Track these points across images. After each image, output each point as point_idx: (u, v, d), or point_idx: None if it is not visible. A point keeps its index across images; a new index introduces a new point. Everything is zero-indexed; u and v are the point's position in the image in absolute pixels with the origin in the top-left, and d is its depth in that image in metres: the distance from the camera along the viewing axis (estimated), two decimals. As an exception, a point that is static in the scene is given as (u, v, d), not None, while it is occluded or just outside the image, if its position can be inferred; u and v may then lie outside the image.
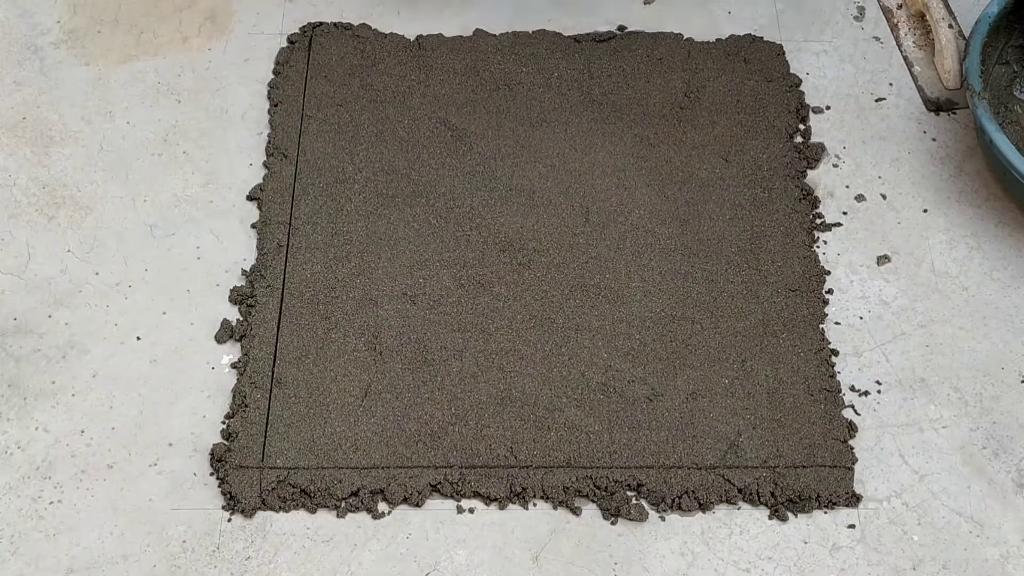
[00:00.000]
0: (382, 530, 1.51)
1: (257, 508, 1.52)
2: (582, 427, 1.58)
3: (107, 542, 1.50)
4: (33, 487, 1.54)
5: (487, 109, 1.88)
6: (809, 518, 1.54)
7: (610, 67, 1.93)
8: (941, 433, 1.61)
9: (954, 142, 1.89)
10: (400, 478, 1.53)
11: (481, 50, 1.95)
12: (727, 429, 1.58)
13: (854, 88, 1.95)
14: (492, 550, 1.50)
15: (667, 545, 1.51)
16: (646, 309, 1.68)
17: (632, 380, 1.62)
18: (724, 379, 1.63)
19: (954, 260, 1.77)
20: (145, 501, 1.53)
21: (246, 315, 1.67)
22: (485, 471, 1.54)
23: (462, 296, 1.69)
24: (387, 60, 1.93)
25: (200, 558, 1.49)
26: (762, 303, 1.69)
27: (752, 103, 1.90)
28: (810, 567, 1.50)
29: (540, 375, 1.62)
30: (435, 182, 1.80)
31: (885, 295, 1.73)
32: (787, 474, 1.55)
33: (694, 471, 1.55)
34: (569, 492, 1.54)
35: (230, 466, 1.54)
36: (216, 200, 1.79)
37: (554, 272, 1.71)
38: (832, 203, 1.82)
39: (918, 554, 1.51)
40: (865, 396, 1.63)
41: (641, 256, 1.73)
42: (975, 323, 1.70)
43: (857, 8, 2.05)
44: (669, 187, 1.80)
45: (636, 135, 1.86)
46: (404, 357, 1.63)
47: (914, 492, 1.56)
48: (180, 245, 1.75)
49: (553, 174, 1.81)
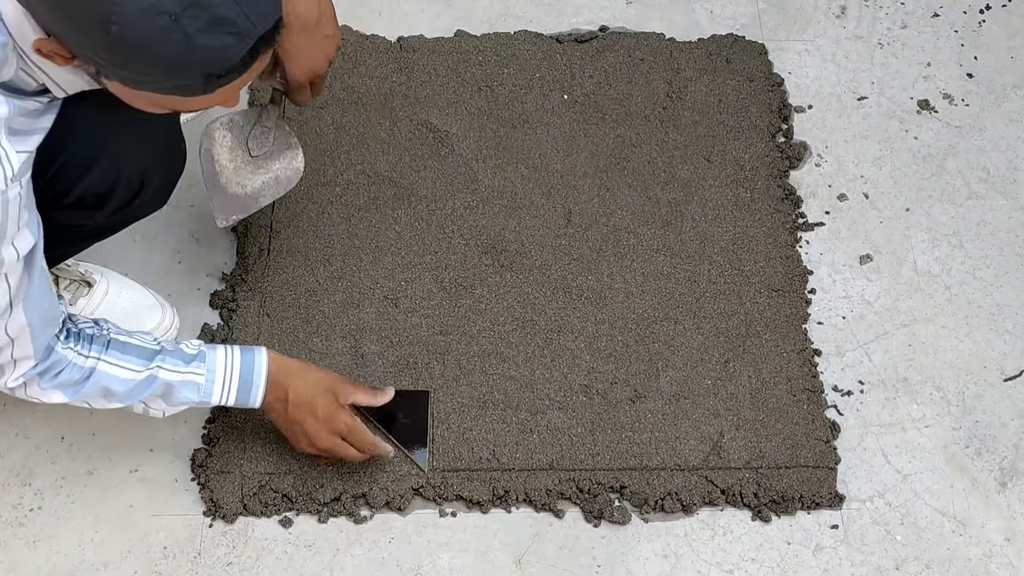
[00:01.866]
0: (364, 535, 1.51)
1: (238, 514, 1.51)
2: (565, 429, 1.57)
3: (88, 549, 1.49)
4: (13, 494, 1.53)
5: (469, 110, 1.87)
6: (792, 519, 1.54)
7: (592, 68, 1.93)
8: (924, 432, 1.61)
9: (936, 141, 1.89)
10: (382, 482, 1.53)
11: (463, 51, 1.94)
12: (710, 430, 1.58)
13: (836, 87, 1.95)
14: (475, 554, 1.50)
15: (650, 547, 1.51)
16: (628, 310, 1.68)
17: (615, 382, 1.62)
18: (707, 380, 1.62)
19: (936, 259, 1.77)
20: (126, 507, 1.52)
21: (227, 320, 1.66)
22: (467, 474, 1.54)
23: (444, 299, 1.68)
24: (368, 62, 1.93)
25: (181, 564, 1.48)
26: (745, 303, 1.69)
27: (734, 103, 1.90)
28: (793, 568, 1.50)
29: (522, 377, 1.61)
30: (417, 184, 1.79)
31: (868, 294, 1.73)
32: (770, 475, 1.55)
33: (677, 473, 1.55)
34: (552, 495, 1.53)
35: (211, 472, 1.53)
36: (197, 204, 1.78)
37: (536, 274, 1.71)
38: (815, 203, 1.82)
39: (901, 554, 1.51)
40: (848, 396, 1.63)
41: (623, 257, 1.73)
42: (957, 322, 1.70)
43: (839, 7, 2.05)
44: (651, 188, 1.80)
45: (618, 136, 1.85)
46: (386, 360, 1.63)
47: (897, 492, 1.56)
48: (160, 249, 1.74)
49: (535, 175, 1.81)
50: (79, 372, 1.31)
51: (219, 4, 1.02)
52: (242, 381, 1.40)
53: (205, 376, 1.38)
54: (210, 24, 1.02)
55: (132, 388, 1.34)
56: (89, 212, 1.35)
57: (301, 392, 1.43)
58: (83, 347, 1.32)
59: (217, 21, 1.03)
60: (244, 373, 1.40)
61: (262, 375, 1.41)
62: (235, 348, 1.41)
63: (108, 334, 1.34)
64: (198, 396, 1.38)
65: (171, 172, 1.45)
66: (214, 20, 1.02)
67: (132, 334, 1.36)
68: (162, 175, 1.42)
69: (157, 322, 1.61)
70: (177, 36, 1.01)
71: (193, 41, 1.02)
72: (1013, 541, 1.53)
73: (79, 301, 1.59)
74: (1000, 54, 2.00)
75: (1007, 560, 1.51)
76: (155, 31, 1.01)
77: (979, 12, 2.05)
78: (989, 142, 1.89)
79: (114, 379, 1.33)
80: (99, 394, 1.34)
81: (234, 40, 1.05)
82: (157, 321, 1.61)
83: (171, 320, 1.63)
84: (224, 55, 1.05)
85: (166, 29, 1.01)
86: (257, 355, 1.41)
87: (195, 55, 1.04)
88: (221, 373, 1.38)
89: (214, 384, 1.38)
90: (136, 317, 1.61)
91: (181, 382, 1.36)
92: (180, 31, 1.01)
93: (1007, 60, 1.99)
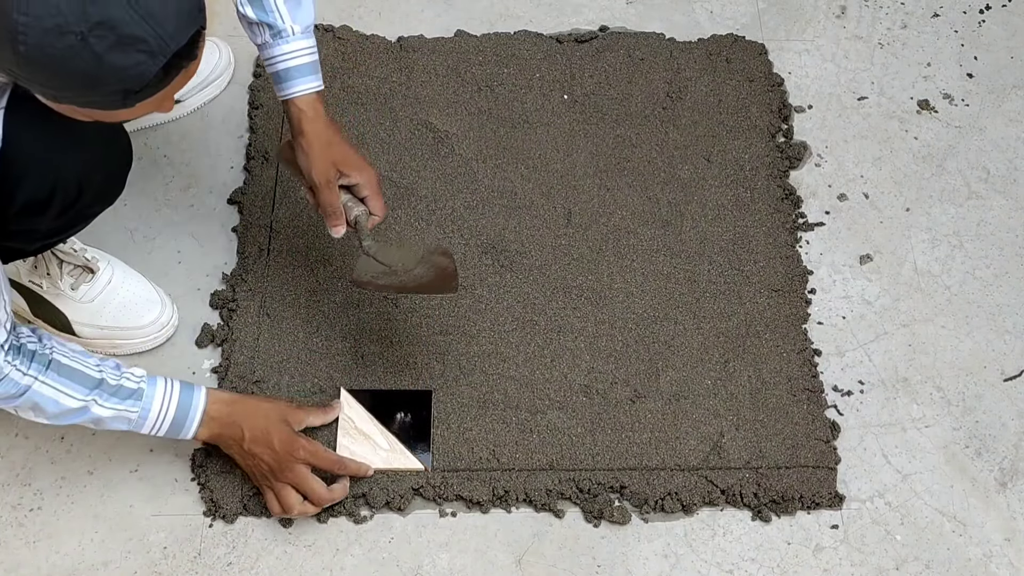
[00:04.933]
0: (364, 535, 1.51)
1: (239, 514, 1.51)
2: (564, 429, 1.57)
3: (88, 549, 1.49)
4: (13, 494, 1.53)
5: (468, 111, 1.87)
6: (792, 519, 1.54)
7: (592, 68, 1.93)
8: (924, 432, 1.61)
9: (936, 141, 1.89)
10: (382, 482, 1.53)
11: (462, 51, 1.94)
12: (710, 430, 1.58)
13: (836, 87, 1.95)
14: (474, 553, 1.50)
15: (650, 547, 1.51)
16: (628, 310, 1.68)
17: (615, 382, 1.62)
18: (707, 380, 1.62)
19: (936, 259, 1.77)
20: (126, 507, 1.52)
21: (227, 319, 1.66)
22: (467, 474, 1.54)
23: (444, 299, 1.68)
24: (368, 62, 1.93)
25: (181, 564, 1.48)
26: (745, 303, 1.69)
27: (734, 103, 1.90)
28: (793, 568, 1.50)
29: (522, 377, 1.61)
30: (417, 184, 1.79)
31: (868, 294, 1.73)
32: (770, 475, 1.55)
33: (677, 472, 1.55)
34: (552, 495, 1.53)
35: (211, 472, 1.53)
36: (197, 204, 1.79)
37: (536, 274, 1.71)
38: (814, 203, 1.82)
39: (901, 554, 1.51)
40: (848, 396, 1.63)
41: (623, 257, 1.73)
42: (957, 322, 1.70)
43: (839, 7, 2.05)
44: (651, 188, 1.80)
45: (618, 136, 1.85)
46: (386, 360, 1.63)
47: (897, 492, 1.56)
48: (161, 249, 1.74)
49: (535, 175, 1.81)
50: (14, 387, 1.30)
51: (127, 23, 1.01)
52: (175, 420, 1.41)
53: (139, 414, 1.38)
54: (119, 43, 1.01)
55: (63, 412, 1.34)
56: (33, 219, 1.33)
57: (256, 428, 1.44)
58: (22, 363, 1.30)
59: (126, 40, 1.01)
60: (179, 412, 1.41)
61: (196, 417, 1.41)
62: (175, 385, 1.41)
63: (51, 353, 1.33)
64: (128, 427, 1.39)
65: (113, 170, 1.43)
66: (123, 39, 1.01)
67: (76, 356, 1.35)
68: (103, 175, 1.40)
69: (154, 317, 1.61)
70: (86, 55, 1.01)
71: (102, 60, 1.01)
72: (1013, 541, 1.53)
73: (80, 287, 1.60)
74: (1000, 54, 2.00)
75: (1007, 560, 1.51)
76: (63, 50, 1.00)
77: (979, 12, 2.05)
78: (989, 142, 1.89)
79: (48, 400, 1.32)
80: (29, 408, 1.33)
81: (146, 58, 1.04)
82: (154, 316, 1.61)
83: (169, 317, 1.63)
84: (136, 72, 1.04)
85: (73, 48, 1.00)
86: (196, 396, 1.42)
87: (106, 73, 1.03)
88: (155, 411, 1.39)
89: (146, 421, 1.39)
90: (135, 310, 1.61)
91: (113, 417, 1.36)
92: (88, 50, 1.00)
93: (1007, 60, 1.99)
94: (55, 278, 1.58)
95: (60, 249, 1.57)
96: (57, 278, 1.58)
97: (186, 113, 1.87)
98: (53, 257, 1.57)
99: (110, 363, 1.38)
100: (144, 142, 1.85)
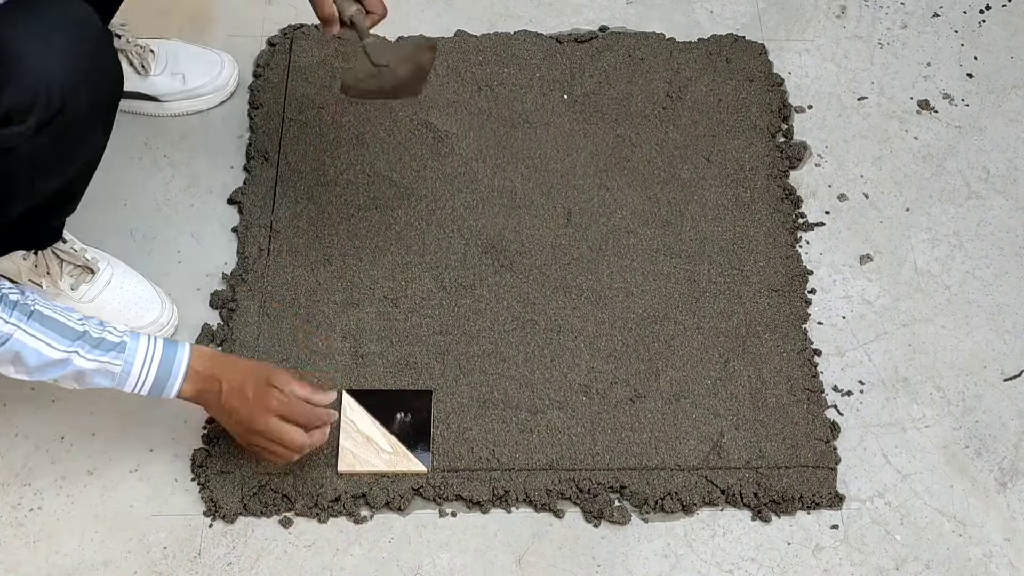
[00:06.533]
0: (364, 534, 1.51)
1: (239, 514, 1.51)
2: (564, 429, 1.57)
3: (88, 549, 1.49)
4: (13, 494, 1.53)
5: (469, 110, 1.87)
6: (792, 519, 1.54)
7: (592, 68, 1.93)
8: (924, 432, 1.61)
9: (936, 141, 1.89)
10: (382, 482, 1.53)
11: (462, 51, 1.94)
12: (710, 430, 1.58)
13: (836, 87, 1.95)
14: (474, 553, 1.50)
15: (650, 547, 1.51)
16: (628, 310, 1.68)
17: (614, 381, 1.62)
18: (707, 380, 1.62)
19: (936, 259, 1.77)
20: (126, 507, 1.52)
21: (227, 320, 1.66)
22: (467, 474, 1.54)
23: (444, 299, 1.68)
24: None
25: (181, 564, 1.48)
26: (744, 303, 1.69)
27: (734, 103, 1.90)
28: (793, 568, 1.50)
29: (522, 377, 1.61)
30: (416, 184, 1.79)
31: (868, 294, 1.73)
32: (770, 475, 1.55)
33: (677, 472, 1.55)
34: (551, 495, 1.53)
35: (211, 472, 1.53)
36: (197, 204, 1.79)
37: (536, 274, 1.71)
38: (814, 202, 1.82)
39: (901, 554, 1.51)
40: (848, 396, 1.63)
41: (623, 257, 1.73)
42: (957, 322, 1.70)
43: (839, 7, 2.05)
44: (651, 187, 1.80)
45: (618, 135, 1.85)
46: (386, 360, 1.63)
47: (897, 492, 1.56)
48: (160, 249, 1.74)
49: (535, 175, 1.81)
50: None
51: None
52: (159, 375, 1.38)
53: (122, 367, 1.36)
54: None
55: (45, 365, 1.32)
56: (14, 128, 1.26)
57: (233, 381, 1.42)
58: (4, 311, 1.29)
59: None
60: (163, 367, 1.38)
61: (180, 371, 1.39)
62: (158, 340, 1.39)
63: (32, 304, 1.31)
64: (111, 383, 1.37)
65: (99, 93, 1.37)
66: None
67: (57, 309, 1.34)
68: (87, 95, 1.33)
69: (154, 318, 1.61)
70: None
71: None
72: (1013, 541, 1.53)
73: (80, 287, 1.60)
74: (1000, 54, 2.00)
75: (1007, 560, 1.51)
76: None
77: (979, 12, 2.05)
78: (989, 142, 1.89)
79: (30, 351, 1.30)
80: (9, 361, 1.31)
81: None
82: (154, 317, 1.61)
83: (168, 317, 1.63)
84: None
85: None
86: (179, 350, 1.40)
87: None
88: (139, 365, 1.37)
89: (129, 376, 1.37)
90: (134, 310, 1.61)
91: (95, 370, 1.35)
92: None
93: (1007, 60, 1.99)
94: (55, 277, 1.58)
95: (60, 248, 1.58)
96: (57, 277, 1.58)
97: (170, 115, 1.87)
98: (53, 256, 1.58)
99: (94, 320, 1.37)
100: (144, 142, 1.85)
